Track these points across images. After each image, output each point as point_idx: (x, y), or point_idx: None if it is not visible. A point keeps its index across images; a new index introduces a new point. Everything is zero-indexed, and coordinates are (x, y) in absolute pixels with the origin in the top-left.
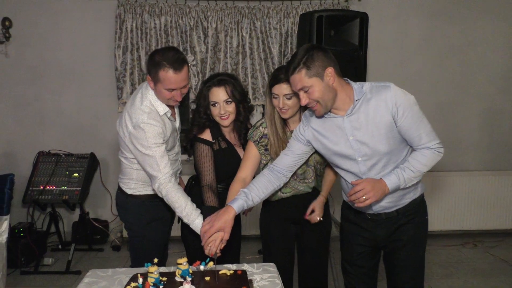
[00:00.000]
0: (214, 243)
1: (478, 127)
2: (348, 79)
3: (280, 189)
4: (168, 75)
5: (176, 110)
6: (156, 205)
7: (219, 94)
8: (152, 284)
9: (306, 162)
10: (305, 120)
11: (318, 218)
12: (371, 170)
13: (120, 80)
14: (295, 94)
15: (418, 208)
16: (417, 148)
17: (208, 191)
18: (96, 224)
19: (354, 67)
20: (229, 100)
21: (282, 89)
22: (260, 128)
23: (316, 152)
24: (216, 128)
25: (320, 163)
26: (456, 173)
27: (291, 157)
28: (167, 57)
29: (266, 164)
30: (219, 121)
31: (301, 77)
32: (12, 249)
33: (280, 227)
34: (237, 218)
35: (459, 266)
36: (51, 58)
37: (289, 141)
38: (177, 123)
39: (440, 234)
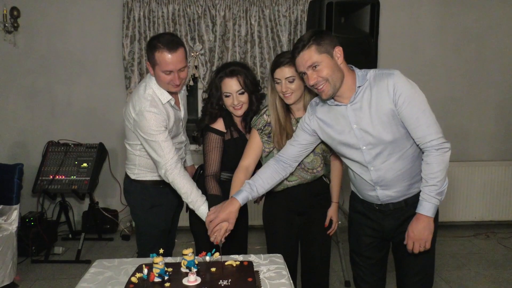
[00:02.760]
0: (219, 232)
1: (494, 117)
2: (353, 66)
3: (286, 178)
4: (163, 56)
5: (181, 99)
6: (159, 191)
7: (232, 85)
8: (157, 275)
9: (313, 151)
10: (311, 110)
11: (336, 226)
12: (376, 159)
13: (128, 70)
14: (298, 77)
15: None
16: (419, 144)
17: (212, 180)
18: (106, 214)
19: (364, 55)
20: (242, 90)
21: (284, 72)
22: (264, 116)
23: (322, 142)
24: (229, 118)
25: (327, 151)
26: (470, 163)
27: (297, 148)
28: (162, 39)
29: (269, 153)
30: (233, 111)
31: (311, 53)
32: (23, 238)
33: (285, 218)
34: (244, 209)
35: (471, 257)
36: (60, 48)
37: (294, 131)
38: (182, 113)
39: (452, 225)
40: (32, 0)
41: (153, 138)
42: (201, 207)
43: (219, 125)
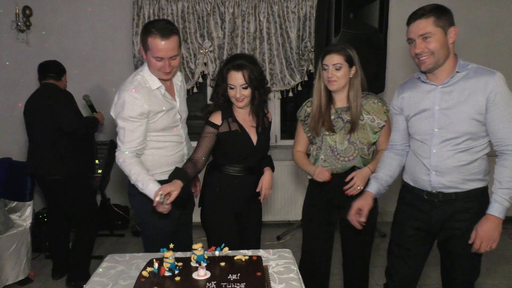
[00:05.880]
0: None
1: None
2: (458, 55)
3: (320, 164)
4: (156, 41)
5: (178, 91)
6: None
7: (237, 79)
8: (167, 269)
9: (348, 139)
10: (397, 92)
11: (358, 188)
12: (443, 144)
13: (139, 67)
14: (345, 66)
15: (479, 198)
16: (497, 146)
17: (189, 162)
18: (117, 210)
19: (373, 51)
20: (246, 85)
21: (332, 59)
22: (305, 107)
23: (362, 131)
24: (228, 110)
25: (364, 143)
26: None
27: (400, 132)
28: (157, 25)
29: (312, 139)
30: (235, 102)
31: (427, 23)
32: (37, 234)
33: (323, 212)
34: (258, 205)
35: (483, 253)
36: (71, 46)
37: (332, 120)
38: (178, 104)
39: None
40: None
41: (121, 121)
42: (150, 185)
43: (216, 118)
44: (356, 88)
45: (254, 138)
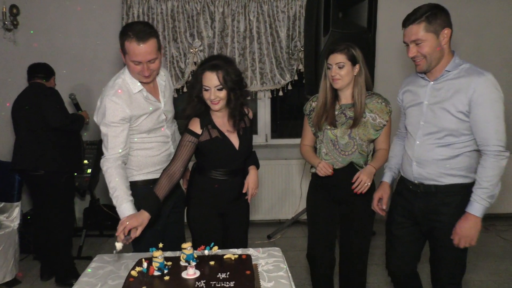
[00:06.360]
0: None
1: None
2: (455, 51)
3: (322, 157)
4: (132, 45)
5: (162, 91)
6: (149, 191)
7: (212, 80)
8: (156, 269)
9: (349, 134)
10: (402, 86)
11: (365, 185)
12: (427, 137)
13: None
14: (348, 64)
15: (462, 194)
16: (480, 146)
17: (165, 177)
18: (107, 210)
19: (362, 50)
20: (220, 86)
21: (336, 58)
22: (311, 102)
23: (363, 128)
24: (206, 115)
25: (364, 140)
26: None
27: (403, 122)
28: (134, 28)
29: (316, 133)
30: (210, 105)
31: (419, 29)
32: (25, 235)
33: (326, 207)
34: (245, 204)
35: (470, 250)
36: (59, 45)
37: (336, 116)
38: (162, 105)
39: None
40: None
41: (104, 128)
42: (123, 205)
43: (195, 126)
44: (361, 86)
45: (235, 142)
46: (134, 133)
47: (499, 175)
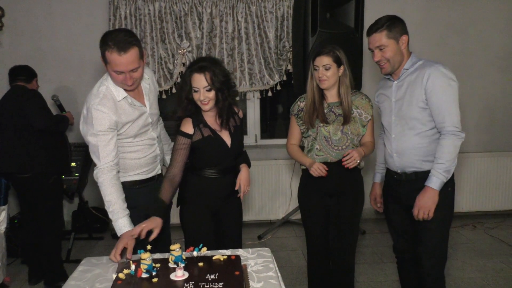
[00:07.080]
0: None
1: (478, 108)
2: (413, 53)
3: (315, 153)
4: (113, 56)
5: (147, 95)
6: (134, 192)
7: (200, 81)
8: (145, 271)
9: (341, 130)
10: (376, 89)
11: (355, 160)
12: (400, 130)
13: None
14: (334, 66)
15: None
16: (438, 128)
17: (167, 182)
18: (95, 213)
19: (350, 50)
20: (209, 87)
21: (322, 60)
22: (298, 102)
23: (353, 123)
24: (198, 115)
25: (355, 134)
26: None
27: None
28: (114, 37)
29: (306, 131)
30: (200, 105)
31: (381, 36)
32: (12, 239)
33: (318, 199)
34: (237, 203)
35: (458, 248)
36: (45, 47)
37: (325, 113)
38: (148, 108)
39: None
40: None
41: (93, 138)
42: (119, 220)
43: (187, 126)
44: (346, 85)
45: (227, 140)
46: (121, 138)
47: (455, 153)
